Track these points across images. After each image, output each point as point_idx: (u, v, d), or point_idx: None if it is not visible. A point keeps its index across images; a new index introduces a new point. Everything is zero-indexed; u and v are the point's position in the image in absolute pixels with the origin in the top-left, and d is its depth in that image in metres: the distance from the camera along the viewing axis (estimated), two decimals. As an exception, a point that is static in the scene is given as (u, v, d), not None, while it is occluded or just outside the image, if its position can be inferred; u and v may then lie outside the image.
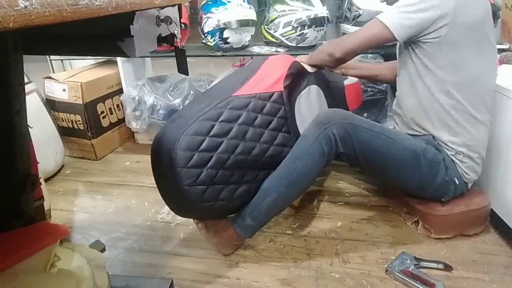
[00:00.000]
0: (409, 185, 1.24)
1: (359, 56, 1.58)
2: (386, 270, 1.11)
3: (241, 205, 1.17)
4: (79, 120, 1.89)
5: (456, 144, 1.17)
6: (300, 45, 1.78)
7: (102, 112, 1.98)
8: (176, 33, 0.75)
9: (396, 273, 1.09)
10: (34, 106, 1.68)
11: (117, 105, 2.09)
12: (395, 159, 1.17)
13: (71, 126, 1.93)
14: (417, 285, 1.05)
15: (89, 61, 2.18)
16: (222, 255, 1.21)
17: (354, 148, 1.14)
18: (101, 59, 2.18)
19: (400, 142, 1.17)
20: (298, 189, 1.18)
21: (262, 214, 1.16)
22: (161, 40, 0.72)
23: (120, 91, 2.06)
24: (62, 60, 2.33)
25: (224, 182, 1.09)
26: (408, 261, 1.13)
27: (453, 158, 1.18)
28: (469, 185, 1.23)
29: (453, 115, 1.15)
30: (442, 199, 1.21)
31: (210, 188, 1.06)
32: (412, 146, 1.17)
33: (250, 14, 1.79)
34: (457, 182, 1.19)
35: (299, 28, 1.73)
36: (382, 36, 1.12)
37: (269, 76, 1.23)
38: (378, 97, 1.80)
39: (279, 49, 1.83)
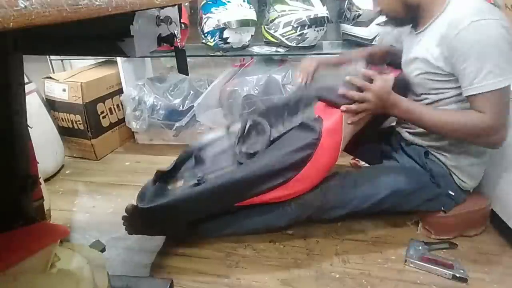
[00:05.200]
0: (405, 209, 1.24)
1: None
2: (405, 261, 1.13)
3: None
4: (79, 120, 1.89)
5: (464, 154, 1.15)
6: (300, 45, 1.78)
7: (102, 112, 1.98)
8: (176, 33, 0.75)
9: (417, 261, 1.12)
10: (34, 106, 1.68)
11: (117, 105, 2.09)
12: (382, 204, 1.19)
13: (71, 126, 1.93)
14: (440, 268, 1.08)
15: (89, 61, 2.18)
16: (222, 255, 1.21)
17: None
18: (101, 59, 2.18)
19: (379, 192, 1.17)
20: None
21: None
22: (161, 40, 0.72)
23: (120, 91, 2.06)
24: (62, 60, 2.33)
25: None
26: (421, 248, 1.17)
27: (452, 170, 1.17)
28: (471, 190, 1.22)
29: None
30: (443, 208, 1.21)
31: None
32: (392, 184, 1.17)
33: (250, 14, 1.79)
34: (453, 194, 1.19)
35: (299, 28, 1.72)
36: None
37: None
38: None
39: (279, 49, 1.83)
